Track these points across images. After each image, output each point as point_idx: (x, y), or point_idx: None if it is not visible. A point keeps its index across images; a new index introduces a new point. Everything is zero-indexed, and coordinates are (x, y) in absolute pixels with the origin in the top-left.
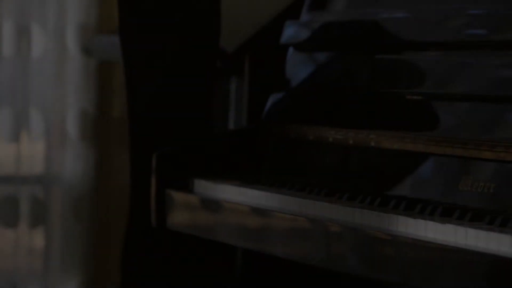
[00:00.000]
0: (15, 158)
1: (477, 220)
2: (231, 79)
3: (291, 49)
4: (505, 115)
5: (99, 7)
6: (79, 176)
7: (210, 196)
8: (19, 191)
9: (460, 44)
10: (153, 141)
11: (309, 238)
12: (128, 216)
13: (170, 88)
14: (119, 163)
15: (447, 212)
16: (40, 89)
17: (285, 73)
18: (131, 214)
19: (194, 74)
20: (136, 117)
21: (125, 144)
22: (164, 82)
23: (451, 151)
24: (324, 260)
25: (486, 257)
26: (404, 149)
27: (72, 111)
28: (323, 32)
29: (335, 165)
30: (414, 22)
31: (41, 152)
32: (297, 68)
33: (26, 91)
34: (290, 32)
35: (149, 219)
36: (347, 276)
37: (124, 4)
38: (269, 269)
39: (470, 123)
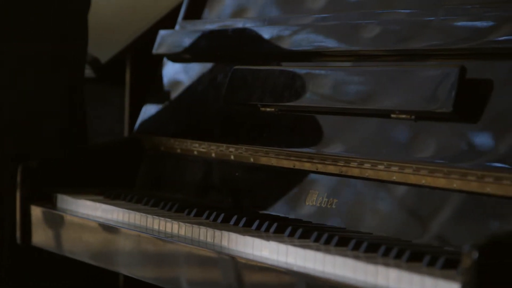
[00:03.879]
0: None
1: (307, 237)
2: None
3: (164, 59)
4: (349, 128)
5: None
6: None
7: (71, 211)
8: None
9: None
10: (19, 154)
11: (151, 256)
12: None
13: (34, 97)
14: None
15: (284, 228)
16: None
17: (158, 83)
18: None
19: (59, 83)
20: (1, 127)
21: None
22: (28, 91)
23: (300, 165)
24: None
25: (301, 276)
26: (258, 163)
27: None
28: (193, 42)
29: (198, 179)
30: (283, 33)
31: None
32: (168, 78)
33: None
34: (162, 41)
35: (15, 235)
36: None
37: None
38: None
39: (317, 137)
